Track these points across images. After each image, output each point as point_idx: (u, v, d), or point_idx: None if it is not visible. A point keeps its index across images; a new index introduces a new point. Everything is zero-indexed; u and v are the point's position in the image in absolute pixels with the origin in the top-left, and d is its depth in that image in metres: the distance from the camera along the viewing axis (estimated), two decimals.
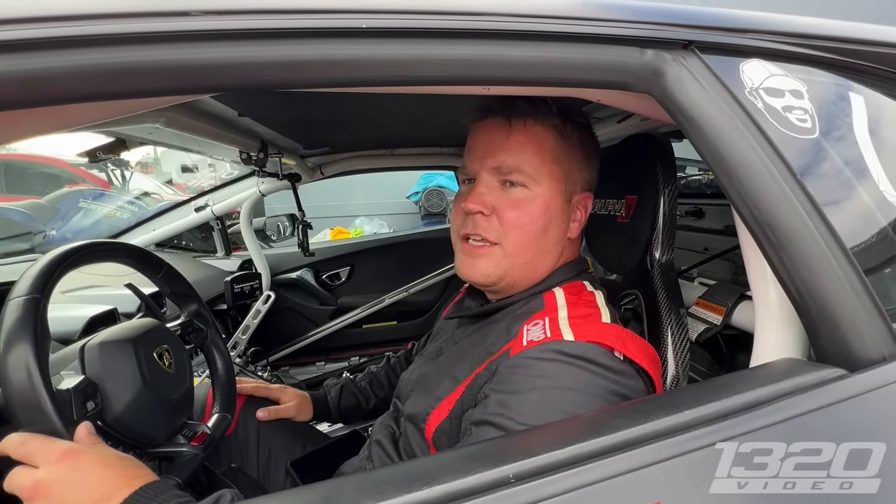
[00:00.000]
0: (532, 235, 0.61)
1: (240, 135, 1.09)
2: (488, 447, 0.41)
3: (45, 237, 1.97)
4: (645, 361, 0.52)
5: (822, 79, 0.52)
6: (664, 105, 0.47)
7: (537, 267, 0.64)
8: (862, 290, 0.43)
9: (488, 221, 0.61)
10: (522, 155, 0.60)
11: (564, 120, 0.63)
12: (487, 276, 0.62)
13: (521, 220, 0.60)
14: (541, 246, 0.62)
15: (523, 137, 0.61)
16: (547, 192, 0.61)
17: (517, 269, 0.62)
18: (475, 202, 0.61)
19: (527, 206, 0.60)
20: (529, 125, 0.61)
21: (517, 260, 0.62)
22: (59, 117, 0.40)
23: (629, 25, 0.45)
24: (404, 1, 0.41)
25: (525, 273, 0.63)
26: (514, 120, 0.61)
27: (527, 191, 0.61)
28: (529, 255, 0.62)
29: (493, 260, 0.62)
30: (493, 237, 0.61)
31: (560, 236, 0.64)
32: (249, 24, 0.37)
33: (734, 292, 0.83)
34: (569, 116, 0.64)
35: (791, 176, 0.44)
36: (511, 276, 0.62)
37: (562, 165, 0.62)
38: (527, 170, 0.60)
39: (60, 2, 0.33)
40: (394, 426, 0.71)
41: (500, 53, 0.42)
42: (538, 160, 0.60)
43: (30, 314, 0.53)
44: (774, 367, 0.46)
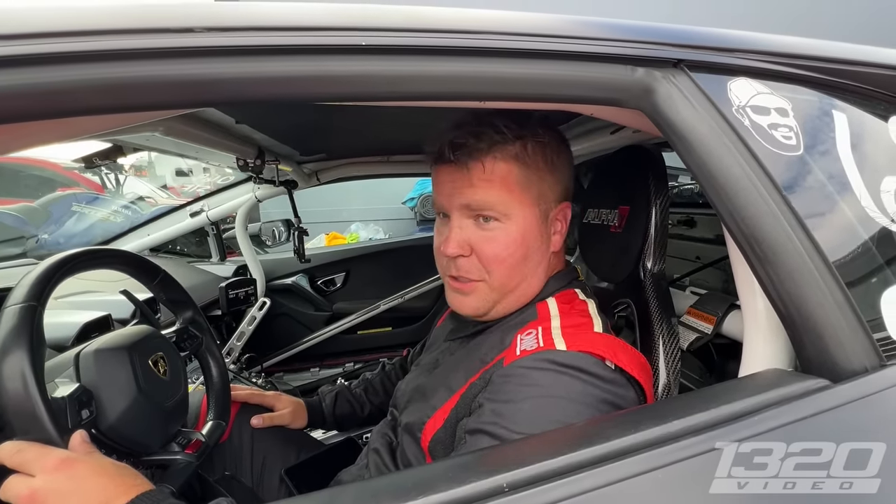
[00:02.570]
0: (514, 265, 0.61)
1: (237, 142, 1.09)
2: (482, 457, 0.41)
3: (37, 241, 1.95)
4: (636, 371, 0.53)
5: (807, 97, 0.54)
6: (655, 121, 0.48)
7: (527, 290, 0.64)
8: (844, 303, 0.44)
9: (469, 262, 0.62)
10: (490, 192, 0.59)
11: (524, 144, 0.60)
12: (477, 310, 0.64)
13: (500, 255, 0.60)
14: (525, 272, 0.63)
15: (486, 176, 0.59)
16: (522, 221, 0.60)
17: (505, 297, 0.63)
18: (452, 247, 0.61)
19: (503, 240, 0.60)
20: (489, 164, 0.59)
21: (504, 290, 0.63)
22: (63, 128, 0.41)
23: (621, 44, 0.47)
24: (402, 19, 0.43)
25: (516, 298, 0.64)
26: (471, 164, 0.59)
27: (501, 224, 0.60)
28: (515, 283, 0.63)
29: (481, 295, 0.63)
30: (476, 276, 0.62)
31: (542, 255, 0.64)
32: (251, 40, 0.38)
33: (724, 302, 0.84)
34: (527, 139, 0.61)
35: (776, 191, 0.46)
36: (501, 304, 0.64)
37: (531, 190, 0.61)
38: (496, 206, 0.59)
39: (71, 18, 0.33)
40: (391, 435, 0.71)
41: (496, 70, 0.44)
42: (506, 194, 0.59)
43: (26, 322, 0.53)
44: (761, 378, 0.47)
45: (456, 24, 0.43)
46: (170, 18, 0.36)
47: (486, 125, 0.60)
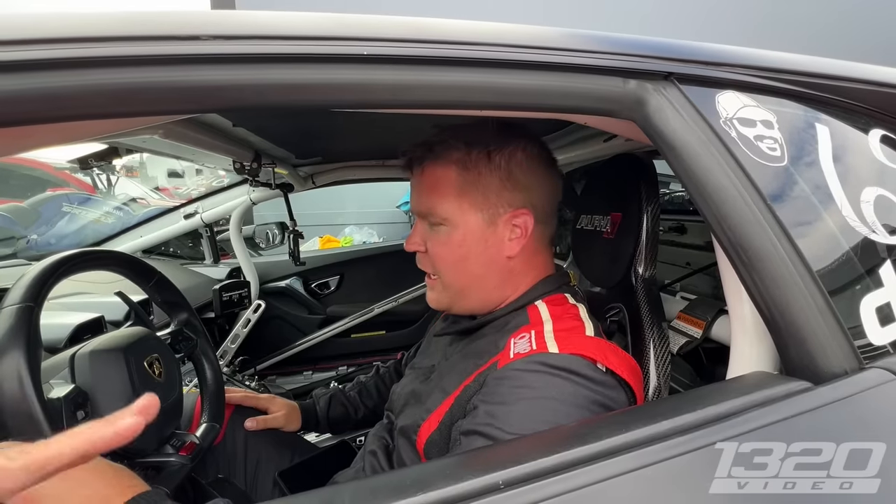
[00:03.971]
0: (456, 266, 0.65)
1: (234, 145, 1.10)
2: (479, 455, 0.42)
3: (27, 242, 1.92)
4: (626, 373, 0.55)
5: (791, 110, 0.56)
6: (646, 131, 0.50)
7: (480, 290, 0.66)
8: (826, 309, 0.46)
9: (425, 258, 0.68)
10: (430, 198, 0.65)
11: (468, 151, 0.63)
12: (438, 303, 0.70)
13: (443, 255, 0.65)
14: (471, 272, 0.65)
15: (426, 180, 0.66)
16: (462, 226, 0.64)
17: (459, 294, 0.67)
18: (409, 244, 0.69)
19: (446, 241, 0.65)
20: (428, 168, 0.65)
21: (454, 287, 0.67)
22: (66, 131, 0.41)
23: (614, 57, 0.48)
24: (404, 30, 0.44)
25: (473, 298, 0.67)
26: (415, 168, 0.67)
27: (445, 228, 0.65)
28: (464, 282, 0.66)
29: (438, 289, 0.69)
30: (430, 271, 0.68)
31: (494, 258, 0.65)
32: (257, 48, 0.39)
33: (713, 307, 0.86)
34: (473, 146, 0.64)
35: (762, 201, 0.48)
36: (458, 301, 0.68)
37: (470, 196, 0.63)
38: (437, 211, 0.64)
39: (79, 25, 0.34)
40: (387, 438, 0.72)
41: (495, 81, 0.45)
42: (442, 199, 0.64)
43: (22, 323, 0.53)
44: (746, 380, 0.49)
45: (456, 35, 0.45)
46: (176, 26, 0.37)
47: (440, 135, 0.66)
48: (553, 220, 0.70)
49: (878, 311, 0.50)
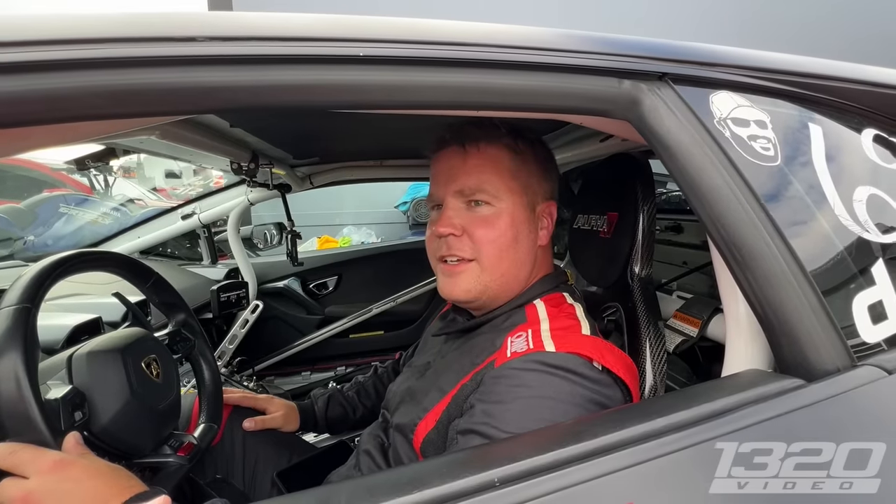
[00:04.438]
0: (504, 248, 0.64)
1: (231, 145, 1.10)
2: (475, 453, 0.43)
3: (24, 243, 1.92)
4: (622, 371, 0.55)
5: (785, 110, 0.56)
6: (641, 131, 0.51)
7: (515, 277, 0.67)
8: (819, 307, 0.46)
9: (460, 241, 0.65)
10: (482, 175, 0.64)
11: (515, 138, 0.67)
12: (468, 292, 0.65)
13: (491, 235, 0.64)
14: (514, 257, 0.65)
15: (479, 160, 0.65)
16: (510, 207, 0.64)
17: (495, 281, 0.65)
18: (445, 225, 0.64)
19: (494, 221, 0.64)
20: (483, 147, 0.65)
21: (494, 273, 0.65)
22: (61, 132, 0.41)
23: (609, 58, 0.49)
24: (399, 31, 0.44)
25: (503, 285, 0.66)
26: (468, 145, 0.66)
27: (491, 207, 0.64)
28: (505, 267, 0.65)
29: (472, 275, 0.65)
30: (468, 254, 0.64)
31: (531, 246, 0.67)
32: (252, 50, 0.39)
33: (709, 306, 0.87)
34: (519, 134, 0.67)
35: (755, 200, 0.48)
36: (491, 289, 0.65)
37: (520, 180, 0.66)
38: (488, 188, 0.64)
39: (77, 27, 0.34)
40: (382, 436, 0.72)
41: (490, 81, 0.45)
42: (497, 178, 0.64)
43: (19, 324, 0.53)
44: (740, 378, 0.49)
45: (450, 36, 0.45)
46: (173, 27, 0.37)
47: (483, 119, 0.66)
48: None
49: (871, 309, 0.50)
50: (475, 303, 0.67)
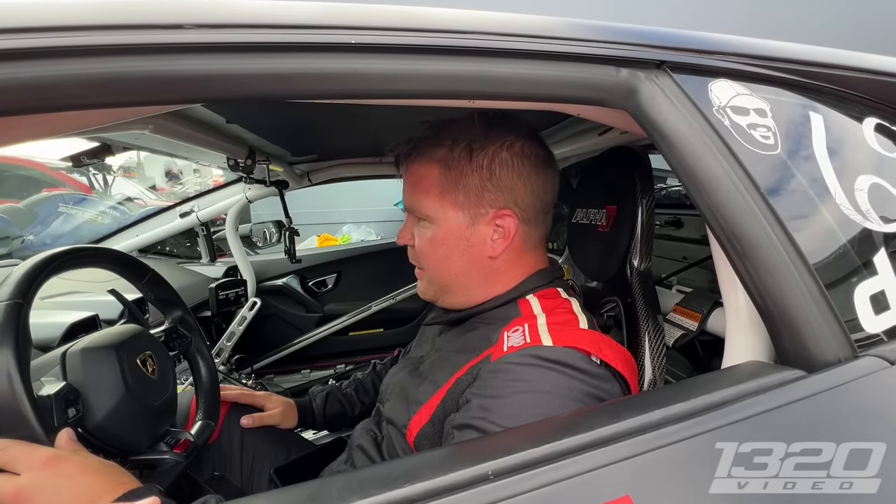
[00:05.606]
0: (439, 262, 0.66)
1: (228, 141, 1.09)
2: (468, 447, 0.42)
3: (22, 242, 1.92)
4: (620, 365, 0.54)
5: (785, 98, 0.56)
6: (638, 121, 0.50)
7: (468, 286, 0.66)
8: (820, 297, 0.45)
9: (413, 251, 0.70)
10: (412, 195, 0.66)
11: (451, 148, 0.63)
12: (424, 293, 0.71)
13: (425, 251, 0.67)
14: (457, 269, 0.65)
15: (410, 177, 0.67)
16: (444, 223, 0.64)
17: (444, 290, 0.68)
18: (399, 238, 0.71)
19: (428, 238, 0.66)
20: (413, 166, 0.66)
21: (438, 283, 0.68)
22: (49, 124, 0.41)
23: (606, 45, 0.48)
24: (392, 18, 0.43)
25: (461, 293, 0.67)
26: (401, 164, 0.68)
27: (429, 224, 0.65)
28: (446, 279, 0.67)
29: (424, 282, 0.70)
30: (418, 264, 0.70)
31: (476, 257, 0.64)
32: (241, 37, 0.38)
33: (709, 299, 0.86)
34: (459, 143, 0.63)
35: (755, 190, 0.47)
36: (444, 296, 0.69)
37: (453, 195, 0.63)
38: (419, 208, 0.65)
39: (61, 13, 0.34)
40: (376, 430, 0.72)
41: (484, 70, 0.44)
42: (424, 196, 0.64)
43: (11, 319, 0.52)
44: (740, 369, 0.49)
45: (445, 23, 0.44)
46: (159, 14, 0.37)
47: (427, 131, 0.66)
48: (544, 218, 0.67)
49: (873, 300, 0.49)
50: (440, 302, 0.71)
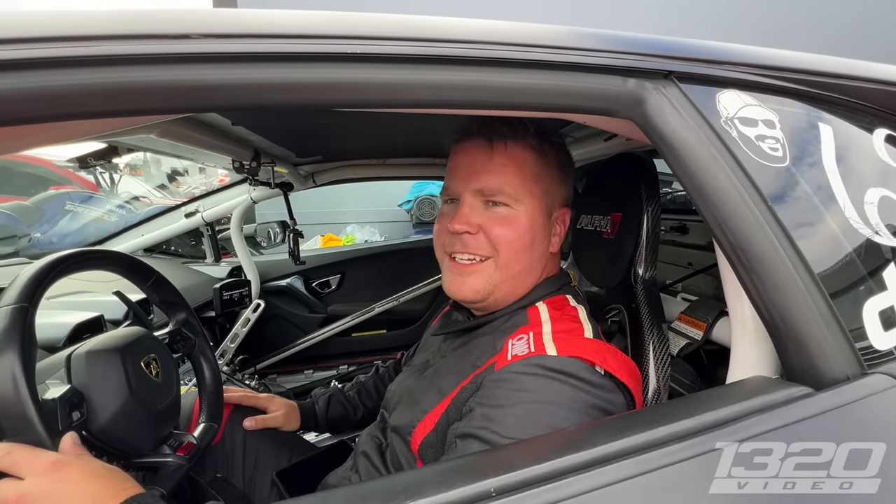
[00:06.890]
0: (520, 249, 0.63)
1: (233, 144, 1.09)
2: (471, 461, 0.42)
3: (30, 240, 1.93)
4: (625, 376, 0.54)
5: (793, 109, 0.55)
6: (645, 131, 0.49)
7: (523, 281, 0.66)
8: (828, 313, 0.45)
9: (476, 239, 0.63)
10: (504, 176, 0.62)
11: (542, 140, 0.65)
12: (476, 293, 0.64)
13: (510, 236, 0.62)
14: (528, 260, 0.65)
15: (505, 159, 0.63)
16: (529, 210, 0.63)
17: (506, 283, 0.64)
18: (461, 223, 0.62)
19: (513, 222, 0.63)
20: (510, 147, 0.63)
21: (507, 273, 0.63)
22: (60, 130, 0.41)
23: (613, 55, 0.47)
24: (398, 28, 0.43)
25: (512, 287, 0.65)
26: (495, 142, 0.63)
27: (510, 209, 0.63)
28: (518, 269, 0.64)
29: (484, 275, 0.63)
30: (484, 252, 0.63)
31: (543, 251, 0.67)
32: (247, 47, 0.38)
33: (715, 308, 0.85)
34: (545, 136, 0.66)
35: (762, 202, 0.47)
36: (499, 290, 0.64)
37: (541, 184, 0.65)
38: (509, 191, 0.62)
39: (70, 24, 0.34)
40: (381, 437, 0.72)
41: (492, 80, 0.44)
42: (519, 180, 0.63)
43: (17, 323, 0.53)
44: (746, 385, 0.48)
45: (453, 33, 0.44)
46: (167, 24, 0.37)
47: (510, 117, 0.63)
48: None
49: (882, 315, 0.49)
50: (481, 304, 0.66)
